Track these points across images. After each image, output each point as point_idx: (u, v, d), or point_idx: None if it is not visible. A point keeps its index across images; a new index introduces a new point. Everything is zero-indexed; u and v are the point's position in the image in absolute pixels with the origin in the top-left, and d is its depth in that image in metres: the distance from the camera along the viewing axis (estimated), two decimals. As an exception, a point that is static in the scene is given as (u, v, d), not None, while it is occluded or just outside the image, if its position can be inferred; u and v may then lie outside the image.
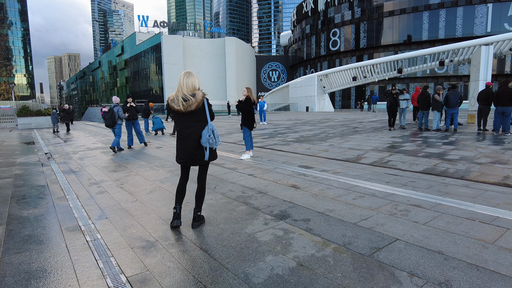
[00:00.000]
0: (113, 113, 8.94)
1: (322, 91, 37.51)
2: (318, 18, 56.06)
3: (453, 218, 3.40)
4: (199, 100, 3.14)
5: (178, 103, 3.12)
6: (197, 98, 3.14)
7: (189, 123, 3.22)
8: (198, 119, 3.22)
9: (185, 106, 3.10)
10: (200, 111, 3.20)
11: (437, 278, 2.27)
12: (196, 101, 3.12)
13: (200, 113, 3.21)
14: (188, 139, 3.23)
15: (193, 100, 3.12)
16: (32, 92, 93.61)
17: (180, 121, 3.26)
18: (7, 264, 2.70)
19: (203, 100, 3.19)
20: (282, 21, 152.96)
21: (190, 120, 3.21)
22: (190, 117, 3.19)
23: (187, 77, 3.16)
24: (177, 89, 3.19)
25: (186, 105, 3.10)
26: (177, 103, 3.13)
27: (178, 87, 3.18)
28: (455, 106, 10.81)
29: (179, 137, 3.31)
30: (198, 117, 3.21)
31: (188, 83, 3.14)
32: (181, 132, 3.28)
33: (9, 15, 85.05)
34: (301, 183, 5.06)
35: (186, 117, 3.20)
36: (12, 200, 4.63)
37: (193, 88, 3.16)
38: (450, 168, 5.81)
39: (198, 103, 3.13)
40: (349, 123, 16.71)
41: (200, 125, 3.22)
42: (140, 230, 3.37)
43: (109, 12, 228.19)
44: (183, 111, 3.13)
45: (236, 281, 2.33)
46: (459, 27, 40.79)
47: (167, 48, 61.54)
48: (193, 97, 3.13)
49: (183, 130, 3.26)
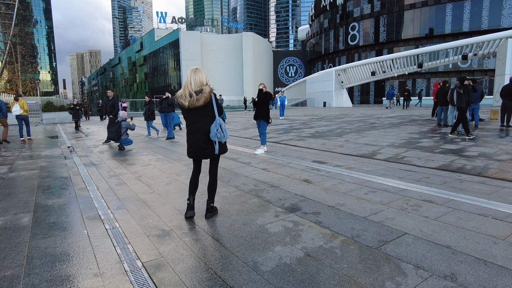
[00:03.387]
0: (120, 127, 8.86)
1: (340, 86, 37.02)
2: (336, 12, 55.14)
3: (465, 214, 3.38)
4: (206, 95, 3.17)
5: (186, 99, 3.18)
6: (205, 93, 3.17)
7: (197, 118, 3.27)
8: (206, 114, 3.26)
9: (193, 102, 3.15)
10: (208, 106, 3.24)
11: (442, 271, 2.30)
12: (203, 96, 3.15)
13: (208, 108, 3.24)
14: (197, 134, 3.30)
15: (201, 95, 3.16)
16: (56, 88, 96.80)
17: (188, 117, 3.32)
18: (34, 248, 2.90)
19: (211, 95, 3.22)
20: (300, 15, 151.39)
21: (198, 115, 3.26)
22: (198, 112, 3.24)
23: (195, 73, 3.21)
24: (184, 85, 3.25)
25: (193, 100, 3.15)
26: (184, 99, 3.19)
27: (185, 83, 3.22)
28: (476, 102, 10.50)
29: (189, 132, 3.38)
30: (206, 112, 3.25)
31: (196, 79, 3.18)
32: (190, 127, 3.35)
33: (34, 13, 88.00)
34: (314, 178, 5.11)
35: (194, 113, 3.25)
36: (38, 190, 4.91)
37: (200, 83, 3.19)
38: (468, 164, 5.70)
39: (206, 98, 3.17)
40: (367, 118, 16.50)
41: (208, 120, 3.28)
42: (156, 219, 3.53)
43: (129, 9, 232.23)
44: (191, 107, 3.18)
45: (245, 268, 2.43)
46: (485, 19, 39.16)
47: (185, 44, 62.22)
48: (200, 92, 3.17)
49: (192, 125, 3.33)
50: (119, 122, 8.87)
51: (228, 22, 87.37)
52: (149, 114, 11.83)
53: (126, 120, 9.12)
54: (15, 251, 2.85)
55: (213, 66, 66.10)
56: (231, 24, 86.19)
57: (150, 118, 11.84)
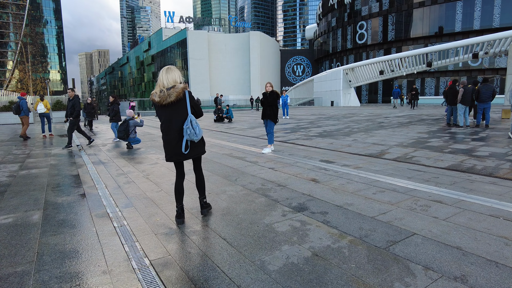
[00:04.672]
0: (128, 125, 8.87)
1: (347, 85, 36.79)
2: (344, 11, 54.78)
3: (475, 215, 3.32)
4: (178, 90, 3.12)
5: (157, 95, 3.15)
6: (177, 88, 3.13)
7: (170, 116, 3.20)
8: (179, 111, 3.20)
9: (164, 97, 3.11)
10: (180, 103, 3.18)
11: (453, 273, 2.26)
12: (175, 91, 3.11)
13: (180, 104, 3.19)
14: (170, 132, 3.22)
15: (172, 90, 3.11)
16: (65, 87, 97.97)
17: (161, 114, 3.25)
18: (44, 244, 2.94)
19: (184, 91, 3.17)
20: (307, 14, 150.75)
21: (171, 113, 3.19)
22: (171, 109, 3.17)
23: (167, 72, 3.18)
24: (157, 83, 3.23)
25: (164, 95, 3.11)
26: (156, 96, 3.16)
27: (158, 82, 3.21)
28: (487, 101, 10.33)
29: (162, 131, 3.31)
30: (179, 108, 3.19)
31: (168, 77, 3.16)
32: (163, 126, 3.28)
33: (44, 14, 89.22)
34: (321, 177, 5.08)
35: (167, 110, 3.19)
36: (48, 188, 4.97)
37: (173, 81, 3.16)
38: (478, 164, 5.61)
39: (178, 93, 3.11)
40: (375, 118, 16.36)
41: (180, 117, 3.20)
42: (163, 218, 3.54)
43: (137, 8, 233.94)
44: (163, 103, 3.13)
45: (253, 267, 2.42)
46: (497, 16, 38.47)
47: (192, 43, 62.44)
48: (172, 88, 3.13)
49: (165, 123, 3.25)
50: (127, 121, 8.93)
51: (236, 21, 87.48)
52: (113, 115, 10.74)
53: (134, 118, 9.18)
54: (25, 248, 2.89)
55: (220, 65, 66.26)
56: (239, 23, 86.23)
57: (114, 120, 10.77)
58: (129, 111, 9.35)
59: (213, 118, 18.68)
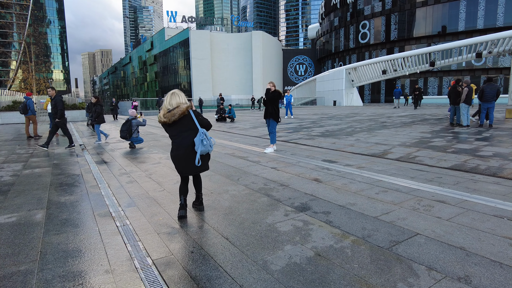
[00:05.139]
0: (130, 125, 8.85)
1: (350, 85, 36.67)
2: (347, 10, 54.61)
3: (479, 215, 3.31)
4: (182, 109, 3.29)
5: (163, 115, 3.32)
6: (181, 108, 3.29)
7: (178, 133, 3.39)
8: (187, 127, 3.38)
9: (169, 116, 3.27)
10: (186, 119, 3.36)
11: (456, 273, 2.25)
12: (179, 110, 3.28)
13: (186, 121, 3.37)
14: (180, 148, 3.39)
15: (177, 109, 3.29)
16: (68, 87, 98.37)
17: (170, 132, 3.44)
18: (47, 244, 2.95)
19: (187, 110, 3.34)
20: (310, 13, 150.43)
21: (178, 130, 3.38)
22: (178, 127, 3.37)
23: (171, 96, 3.37)
24: (162, 107, 3.41)
25: (170, 115, 3.27)
26: (162, 117, 3.33)
27: (163, 106, 3.39)
28: (491, 100, 10.26)
29: (172, 148, 3.47)
30: (186, 125, 3.38)
31: (172, 100, 3.34)
32: (174, 144, 3.45)
33: (47, 14, 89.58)
34: (324, 177, 5.07)
35: (174, 127, 3.38)
36: (51, 187, 4.99)
37: (177, 103, 3.33)
38: (482, 164, 5.58)
39: (182, 112, 3.29)
40: (378, 117, 16.31)
41: (189, 133, 3.38)
42: (166, 217, 3.55)
43: (139, 8, 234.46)
44: (169, 122, 3.30)
45: (255, 267, 2.42)
46: (501, 15, 38.22)
47: (195, 43, 62.47)
48: (176, 107, 3.30)
49: (174, 140, 3.43)
50: (129, 120, 8.95)
51: (238, 21, 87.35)
52: (96, 117, 10.25)
53: (136, 117, 9.20)
54: (29, 247, 2.90)
55: (222, 65, 66.26)
56: (241, 23, 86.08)
57: (97, 122, 10.31)
58: (131, 110, 9.36)
59: (215, 117, 18.67)
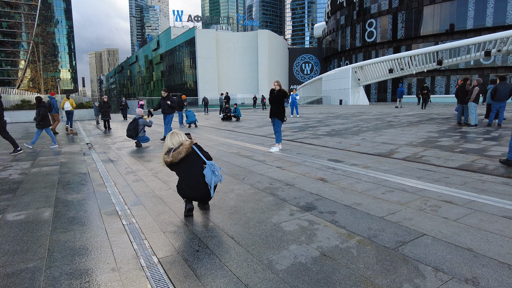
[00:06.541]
0: (137, 124, 8.89)
1: (356, 84, 36.47)
2: (353, 9, 54.28)
3: (487, 216, 3.27)
4: (186, 146, 3.43)
5: (169, 156, 3.42)
6: (185, 145, 3.43)
7: (187, 170, 3.49)
8: (194, 162, 3.51)
9: (175, 155, 3.38)
10: (192, 155, 3.50)
11: (463, 275, 2.22)
12: (184, 148, 3.41)
13: (193, 157, 3.50)
14: (193, 182, 3.48)
15: (181, 147, 3.42)
16: (75, 86, 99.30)
17: (178, 171, 3.53)
18: (55, 241, 2.99)
19: (191, 146, 3.49)
20: (316, 12, 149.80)
21: (187, 166, 3.49)
22: (185, 164, 3.47)
23: (171, 136, 3.52)
24: (164, 148, 3.54)
25: (174, 154, 3.39)
26: (167, 157, 3.43)
27: (164, 147, 3.53)
28: (504, 100, 10.08)
29: (183, 182, 3.53)
30: (193, 161, 3.50)
31: (173, 140, 3.49)
32: (184, 179, 3.52)
33: (55, 13, 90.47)
34: (329, 177, 5.05)
35: (182, 165, 3.48)
36: (58, 186, 5.05)
37: (178, 142, 3.48)
38: (490, 164, 5.51)
39: (187, 149, 3.42)
40: (384, 116, 16.20)
41: (197, 167, 3.51)
42: (172, 216, 3.57)
43: (146, 7, 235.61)
44: (176, 160, 3.40)
45: (260, 267, 2.42)
46: (510, 13, 37.64)
47: (200, 42, 62.59)
48: (180, 145, 3.44)
49: (184, 177, 3.51)
50: (136, 119, 9.00)
51: (244, 20, 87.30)
52: (40, 119, 9.20)
53: (143, 117, 9.25)
54: (37, 244, 2.94)
55: (228, 64, 66.30)
56: (247, 22, 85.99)
57: (41, 126, 9.27)
58: (139, 109, 9.42)
59: (220, 116, 18.69)
